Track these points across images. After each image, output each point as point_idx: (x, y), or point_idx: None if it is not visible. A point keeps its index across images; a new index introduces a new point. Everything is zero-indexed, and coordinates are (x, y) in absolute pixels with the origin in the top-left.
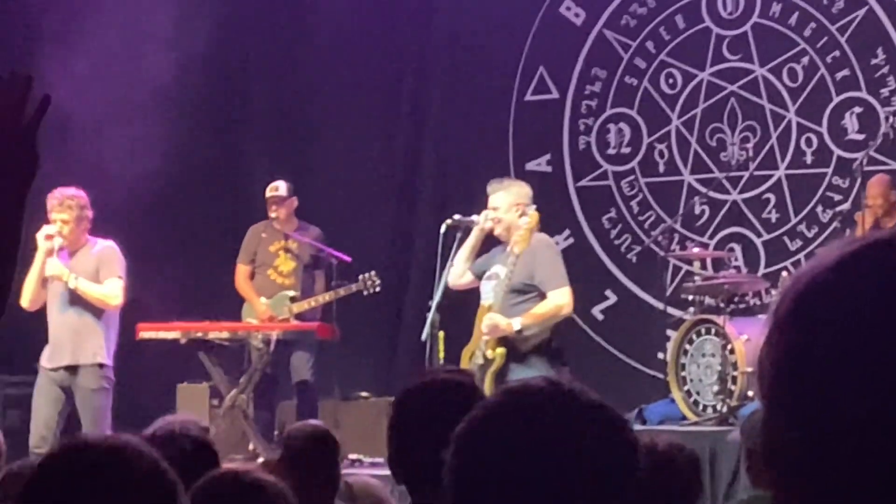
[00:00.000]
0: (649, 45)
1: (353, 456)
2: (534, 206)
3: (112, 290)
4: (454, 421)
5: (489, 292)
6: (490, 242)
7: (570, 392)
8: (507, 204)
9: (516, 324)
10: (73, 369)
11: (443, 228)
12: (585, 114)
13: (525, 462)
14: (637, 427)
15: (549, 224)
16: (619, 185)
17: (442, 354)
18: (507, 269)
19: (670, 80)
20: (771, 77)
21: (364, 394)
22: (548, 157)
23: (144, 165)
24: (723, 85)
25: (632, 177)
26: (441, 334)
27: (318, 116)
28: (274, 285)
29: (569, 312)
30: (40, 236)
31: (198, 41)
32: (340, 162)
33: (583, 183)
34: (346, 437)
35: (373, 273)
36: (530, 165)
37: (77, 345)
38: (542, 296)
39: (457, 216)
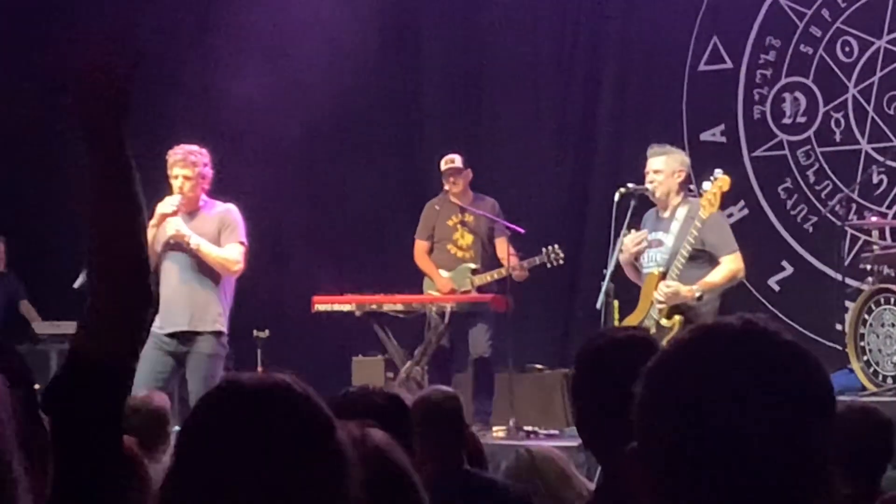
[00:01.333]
0: (825, 12)
1: (528, 428)
2: (720, 171)
3: (234, 255)
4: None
5: (653, 259)
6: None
7: (765, 330)
8: (671, 169)
9: (696, 290)
10: (189, 336)
11: (616, 197)
12: (760, 83)
13: (716, 396)
14: None
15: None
16: (795, 154)
17: (617, 324)
18: (677, 233)
19: (846, 49)
20: None
21: (538, 366)
22: (722, 127)
23: (318, 142)
24: None
25: (808, 146)
26: (616, 303)
27: (491, 88)
28: (454, 259)
29: (742, 277)
30: (162, 206)
31: (370, 14)
32: (513, 133)
33: (758, 153)
34: (520, 409)
35: (556, 246)
36: (704, 136)
37: (196, 311)
38: (712, 261)
39: (630, 184)
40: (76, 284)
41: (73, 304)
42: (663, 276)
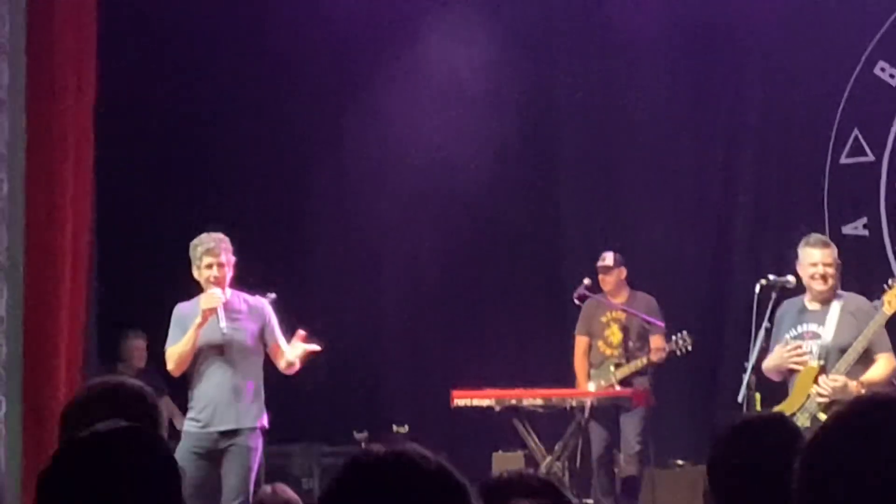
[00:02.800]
0: None
1: None
2: None
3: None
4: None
5: (808, 351)
6: None
7: None
8: (837, 261)
9: (861, 386)
10: (232, 432)
11: (757, 288)
12: None
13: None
14: None
15: (867, 288)
16: None
17: None
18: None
19: None
20: None
21: (679, 461)
22: (864, 220)
23: (456, 234)
24: None
25: None
26: (758, 396)
27: (628, 180)
28: (602, 356)
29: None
30: (207, 301)
31: (510, 106)
32: (651, 225)
33: None
34: None
35: (684, 333)
36: (846, 229)
37: (240, 406)
38: (866, 357)
39: (771, 276)
40: None
41: None
42: (822, 369)
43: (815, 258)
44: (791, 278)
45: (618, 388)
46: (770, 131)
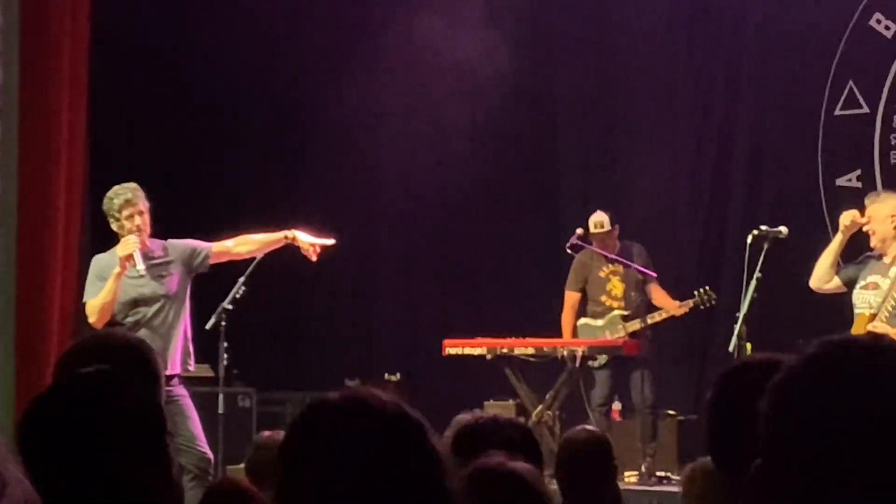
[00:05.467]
0: None
1: (660, 473)
2: None
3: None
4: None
5: (868, 301)
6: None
7: (893, 346)
8: (882, 215)
9: None
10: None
11: (749, 239)
12: None
13: (842, 412)
14: None
15: (860, 240)
16: None
17: None
18: (894, 277)
19: None
20: None
21: (671, 412)
22: (858, 172)
23: (453, 185)
24: None
25: None
26: (748, 346)
27: (629, 133)
28: (607, 310)
29: None
30: (123, 248)
31: (508, 66)
32: (650, 178)
33: None
34: (656, 455)
35: (707, 288)
36: (840, 181)
37: (168, 354)
38: None
39: (763, 227)
40: (208, 326)
41: (206, 347)
42: (873, 317)
43: (866, 213)
44: (783, 229)
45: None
46: (765, 83)
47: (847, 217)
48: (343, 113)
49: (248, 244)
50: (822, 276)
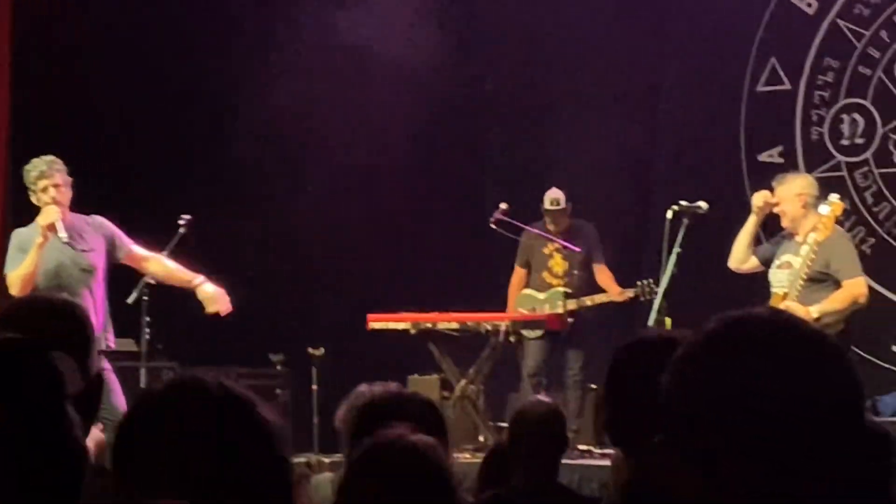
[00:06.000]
0: (883, 33)
1: (582, 447)
2: (836, 196)
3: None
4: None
5: (782, 280)
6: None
7: (791, 321)
8: (790, 196)
9: (814, 311)
10: None
11: (669, 215)
12: (818, 104)
13: (741, 387)
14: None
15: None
16: (853, 176)
17: None
18: (805, 257)
19: None
20: None
21: (593, 385)
22: (780, 148)
23: (378, 159)
24: None
25: (865, 168)
26: (668, 321)
27: (555, 109)
28: (548, 286)
29: (865, 302)
30: (44, 217)
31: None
32: (575, 156)
33: (815, 174)
34: (579, 428)
35: (650, 280)
36: (762, 157)
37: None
38: (837, 284)
39: (683, 202)
40: (130, 300)
41: (129, 321)
42: (786, 296)
43: (774, 194)
44: (702, 204)
45: (569, 318)
46: (689, 60)
47: (759, 198)
48: (271, 95)
49: (159, 268)
50: (740, 256)
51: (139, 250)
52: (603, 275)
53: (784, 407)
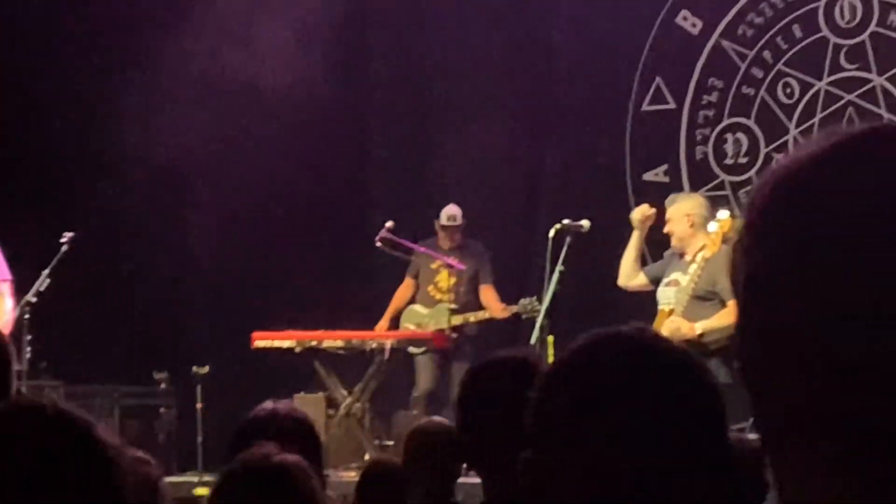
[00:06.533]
0: (766, 54)
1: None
2: (726, 212)
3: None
4: (518, 396)
5: (670, 297)
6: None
7: (656, 337)
8: (679, 216)
9: (699, 327)
10: None
11: (551, 233)
12: (702, 124)
13: (608, 406)
14: None
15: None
16: (737, 195)
17: (551, 360)
18: (693, 273)
19: (787, 90)
20: (889, 86)
21: None
22: (665, 167)
23: (262, 176)
24: (840, 94)
25: (749, 187)
26: (550, 339)
27: (442, 128)
28: (433, 301)
29: None
30: None
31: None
32: (462, 174)
33: (700, 193)
34: None
35: (534, 298)
36: (647, 175)
37: None
38: (723, 304)
39: (566, 221)
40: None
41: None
42: (671, 313)
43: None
44: (585, 223)
45: (453, 334)
46: (575, 79)
47: (637, 213)
48: (155, 117)
49: None
50: (627, 272)
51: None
52: (486, 293)
53: (645, 425)
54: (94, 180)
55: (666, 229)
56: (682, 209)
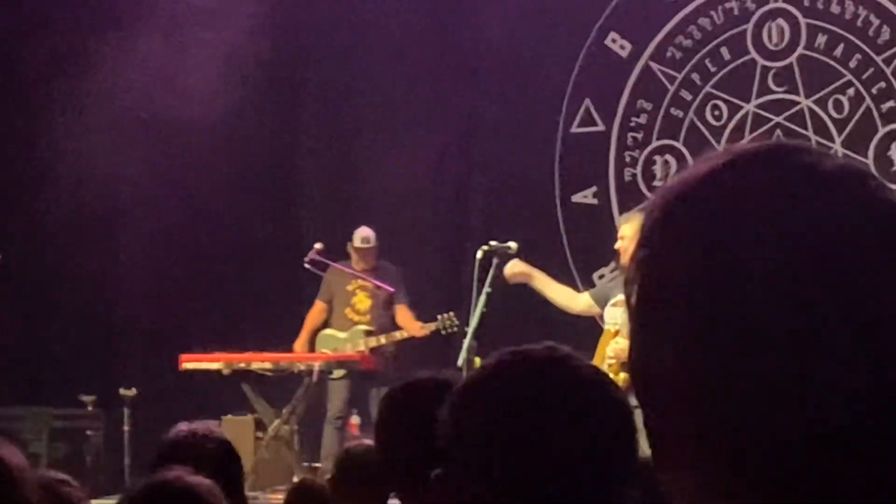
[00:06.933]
0: (695, 76)
1: None
2: None
3: None
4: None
5: (616, 317)
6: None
7: (567, 357)
8: (631, 234)
9: None
10: None
11: (479, 254)
12: (631, 146)
13: (518, 423)
14: None
15: (594, 256)
16: None
17: None
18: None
19: (716, 112)
20: (816, 108)
21: None
22: (594, 189)
23: (192, 198)
24: (769, 117)
25: None
26: (477, 360)
27: (371, 149)
28: (350, 323)
29: None
30: None
31: (248, 77)
32: (392, 194)
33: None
34: None
35: (451, 314)
36: (576, 197)
37: None
38: None
39: (493, 242)
40: None
41: None
42: (617, 333)
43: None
44: (512, 244)
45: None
46: (504, 101)
47: (508, 269)
48: (81, 125)
49: None
50: (565, 304)
51: None
52: (402, 313)
53: (554, 440)
54: (22, 203)
55: (617, 246)
56: (634, 227)
